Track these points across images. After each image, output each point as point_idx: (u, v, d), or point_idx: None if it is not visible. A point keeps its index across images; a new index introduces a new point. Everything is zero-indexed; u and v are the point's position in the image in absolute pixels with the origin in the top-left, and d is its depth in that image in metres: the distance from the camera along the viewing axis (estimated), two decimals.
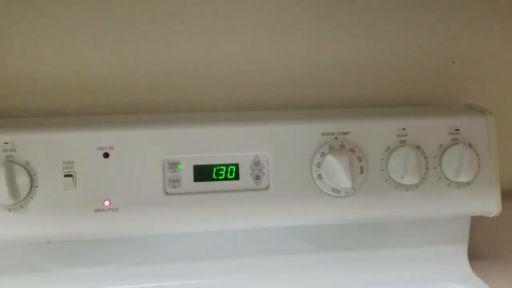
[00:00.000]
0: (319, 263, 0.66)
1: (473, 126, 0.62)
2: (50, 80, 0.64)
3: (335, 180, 0.59)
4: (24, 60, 0.64)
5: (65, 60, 0.64)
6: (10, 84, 0.64)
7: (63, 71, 0.64)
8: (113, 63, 0.65)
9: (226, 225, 0.60)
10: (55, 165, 0.56)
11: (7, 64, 0.63)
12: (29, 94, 0.64)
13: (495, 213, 0.62)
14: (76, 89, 0.65)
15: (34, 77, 0.64)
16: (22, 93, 0.64)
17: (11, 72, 0.64)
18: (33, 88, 0.64)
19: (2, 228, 0.56)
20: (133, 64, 0.65)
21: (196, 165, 0.59)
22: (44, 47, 0.64)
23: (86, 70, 0.65)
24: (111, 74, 0.65)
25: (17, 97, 0.64)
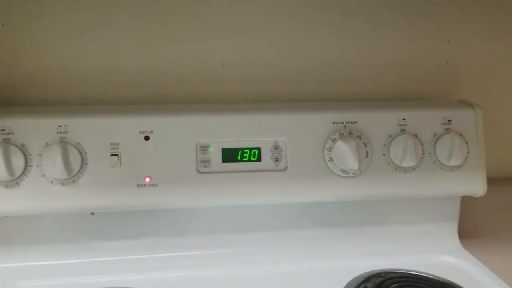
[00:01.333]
0: (323, 238, 0.74)
1: (464, 118, 0.71)
2: (93, 73, 0.72)
3: (344, 162, 0.68)
4: (71, 55, 0.72)
5: (108, 56, 0.72)
6: (60, 77, 0.72)
7: (106, 66, 0.72)
8: (151, 62, 0.73)
9: (249, 201, 0.68)
10: (102, 146, 0.65)
11: (57, 58, 0.71)
12: (75, 86, 0.72)
13: (481, 193, 0.71)
14: (116, 83, 0.73)
15: (80, 71, 0.72)
16: (70, 85, 0.72)
17: (61, 66, 0.72)
18: (79, 80, 0.72)
19: (57, 200, 0.64)
20: (169, 62, 0.74)
21: (224, 148, 0.67)
22: (89, 44, 0.72)
23: (126, 66, 0.73)
24: (148, 71, 0.73)
25: (66, 88, 0.72)
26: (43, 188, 0.63)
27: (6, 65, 0.71)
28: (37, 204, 0.64)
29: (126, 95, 0.73)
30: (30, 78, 0.71)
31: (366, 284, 0.66)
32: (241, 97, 0.76)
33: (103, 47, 0.72)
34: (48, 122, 0.64)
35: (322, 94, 0.77)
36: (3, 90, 0.71)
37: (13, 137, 0.63)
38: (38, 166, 0.63)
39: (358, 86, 0.78)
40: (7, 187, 0.63)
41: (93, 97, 0.73)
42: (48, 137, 0.64)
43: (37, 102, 0.71)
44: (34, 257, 0.68)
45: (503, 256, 0.75)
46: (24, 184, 0.63)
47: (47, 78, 0.72)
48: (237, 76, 0.75)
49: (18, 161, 0.63)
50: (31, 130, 0.64)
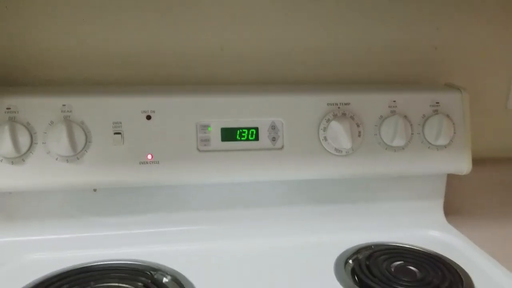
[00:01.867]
0: (316, 214, 0.78)
1: (451, 100, 0.75)
2: (95, 56, 0.74)
3: (338, 141, 0.71)
4: (74, 38, 0.73)
5: (109, 39, 0.74)
6: (63, 59, 0.73)
7: (107, 49, 0.74)
8: (151, 45, 0.75)
9: (247, 178, 0.72)
10: (105, 124, 0.67)
11: (60, 40, 0.73)
12: (78, 68, 0.74)
13: (466, 171, 0.76)
14: (118, 65, 0.75)
15: (82, 53, 0.74)
16: (72, 66, 0.74)
17: (64, 48, 0.73)
18: (81, 63, 0.74)
19: (61, 176, 0.66)
20: (169, 45, 0.76)
21: (223, 128, 0.70)
22: (91, 27, 0.73)
23: (127, 49, 0.75)
24: (149, 53, 0.75)
25: (69, 70, 0.74)
26: (48, 164, 0.66)
27: (10, 47, 0.72)
28: (43, 180, 0.66)
29: (127, 77, 0.75)
30: (33, 60, 0.73)
31: (357, 256, 0.70)
32: (238, 80, 0.78)
33: (105, 30, 0.73)
34: (53, 101, 0.66)
35: (316, 77, 0.80)
36: (7, 71, 0.72)
37: (18, 115, 0.65)
38: (43, 143, 0.65)
39: (350, 70, 0.81)
40: (13, 164, 0.65)
41: (95, 79, 0.75)
42: (53, 115, 0.66)
43: (40, 83, 0.73)
44: (39, 231, 0.70)
45: (486, 231, 0.80)
46: (30, 160, 0.65)
47: (50, 60, 0.73)
48: (235, 59, 0.78)
49: (23, 138, 0.65)
50: (36, 109, 0.66)
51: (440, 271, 0.66)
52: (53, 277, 0.63)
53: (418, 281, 0.64)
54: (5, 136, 0.63)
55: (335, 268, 0.67)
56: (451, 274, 0.66)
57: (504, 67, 0.87)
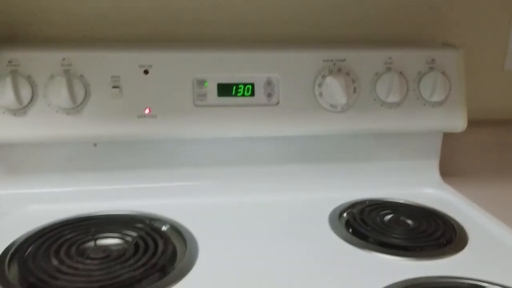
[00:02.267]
0: (312, 171, 0.79)
1: (447, 58, 0.76)
2: (93, 14, 0.75)
3: (333, 97, 0.72)
4: None
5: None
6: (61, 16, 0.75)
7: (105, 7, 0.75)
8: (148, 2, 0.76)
9: (243, 133, 0.73)
10: (104, 78, 0.69)
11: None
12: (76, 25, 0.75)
13: (461, 128, 0.76)
14: (117, 23, 0.76)
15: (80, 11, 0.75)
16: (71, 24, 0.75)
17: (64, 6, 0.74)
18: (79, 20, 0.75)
19: (62, 128, 0.68)
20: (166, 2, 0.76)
21: (219, 83, 0.71)
22: None
23: (124, 7, 0.76)
24: (146, 11, 0.76)
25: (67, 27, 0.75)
26: (49, 116, 0.68)
27: (12, 5, 0.74)
28: (44, 132, 0.68)
29: (124, 34, 0.77)
30: (34, 18, 0.74)
31: (352, 209, 0.71)
32: (235, 38, 0.79)
33: None
34: (53, 55, 0.68)
35: (313, 36, 0.81)
36: (9, 28, 0.74)
37: (20, 68, 0.67)
38: (44, 96, 0.67)
39: (346, 31, 0.82)
40: (15, 115, 0.67)
41: (95, 37, 0.76)
42: (53, 69, 0.67)
43: (40, 39, 0.75)
44: (41, 184, 0.72)
45: (482, 190, 0.81)
46: (31, 112, 0.67)
47: (50, 18, 0.75)
48: (232, 17, 0.78)
49: (25, 91, 0.66)
50: (37, 62, 0.67)
51: (433, 222, 0.67)
52: (55, 224, 0.65)
53: (411, 230, 0.66)
54: (7, 87, 0.65)
55: (330, 220, 0.68)
56: (444, 224, 0.67)
57: (502, 28, 0.87)
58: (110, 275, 0.54)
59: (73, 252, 0.59)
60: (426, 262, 0.59)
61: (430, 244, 0.62)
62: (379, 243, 0.62)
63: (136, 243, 0.60)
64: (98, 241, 0.62)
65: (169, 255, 0.58)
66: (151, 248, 0.59)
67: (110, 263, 0.56)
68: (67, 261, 0.57)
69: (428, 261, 0.59)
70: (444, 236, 0.63)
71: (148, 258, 0.57)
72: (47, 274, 0.54)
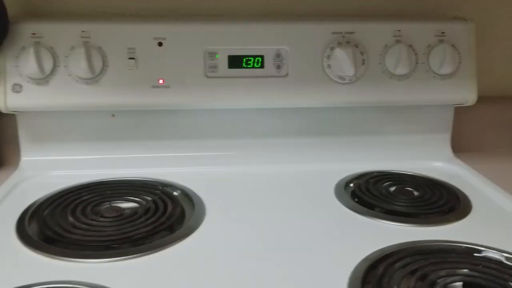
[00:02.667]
0: (320, 144, 0.80)
1: (457, 30, 0.76)
2: None
3: (341, 69, 0.73)
4: None
5: None
6: None
7: None
8: None
9: (253, 104, 0.75)
10: (121, 50, 0.72)
11: None
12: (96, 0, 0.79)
13: (472, 102, 0.76)
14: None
15: None
16: None
17: None
18: None
19: (81, 97, 0.72)
20: None
21: (230, 55, 0.74)
22: None
23: None
24: None
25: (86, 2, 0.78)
26: (70, 86, 0.71)
27: None
28: (65, 100, 0.72)
29: (140, 8, 0.79)
30: None
31: (358, 180, 0.72)
32: (246, 12, 0.81)
33: None
34: (73, 27, 0.71)
35: (322, 10, 0.82)
36: (31, 2, 0.78)
37: (43, 40, 0.71)
38: (65, 66, 0.71)
39: (357, 4, 0.82)
40: (38, 84, 0.71)
41: (112, 10, 0.79)
42: (73, 41, 0.71)
43: (61, 13, 0.78)
44: (63, 151, 0.76)
45: (493, 164, 0.80)
46: (53, 82, 0.71)
47: None
48: None
49: (47, 61, 0.70)
50: (58, 34, 0.71)
51: (438, 192, 0.68)
52: (74, 187, 0.69)
53: (415, 199, 0.67)
54: (31, 57, 0.69)
55: (336, 189, 0.70)
56: (449, 194, 0.68)
57: None
58: (121, 231, 0.58)
59: (88, 211, 0.63)
60: (427, 228, 0.60)
61: (433, 211, 0.63)
62: (383, 211, 0.64)
63: (148, 206, 0.64)
64: (112, 203, 0.66)
65: (177, 216, 0.62)
66: (161, 209, 0.63)
67: (121, 221, 0.60)
68: (82, 218, 0.61)
69: (430, 227, 0.60)
70: (447, 204, 0.64)
71: (158, 217, 0.61)
72: (63, 228, 0.58)
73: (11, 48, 0.71)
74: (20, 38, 0.71)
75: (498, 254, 0.52)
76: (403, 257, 0.52)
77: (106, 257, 0.53)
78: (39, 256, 0.53)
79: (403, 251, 0.53)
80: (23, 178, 0.73)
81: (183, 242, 0.56)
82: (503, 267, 0.50)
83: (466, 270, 0.50)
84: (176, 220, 0.61)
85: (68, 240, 0.56)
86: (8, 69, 0.71)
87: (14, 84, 0.71)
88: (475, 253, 0.53)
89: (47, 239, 0.57)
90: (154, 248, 0.54)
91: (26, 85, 0.71)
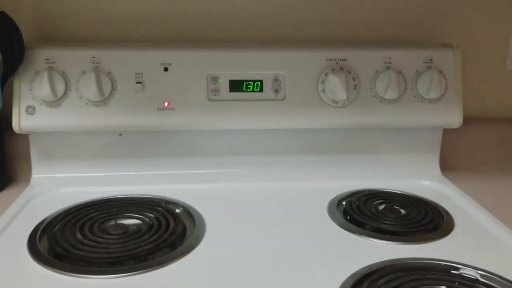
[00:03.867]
0: (315, 162, 0.85)
1: (444, 57, 0.80)
2: (121, 16, 0.84)
3: (335, 93, 0.78)
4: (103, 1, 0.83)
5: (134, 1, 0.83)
6: (93, 19, 0.84)
7: (132, 10, 0.83)
8: (170, 6, 0.84)
9: (252, 125, 0.80)
10: (129, 75, 0.77)
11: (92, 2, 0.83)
12: (105, 26, 0.84)
13: (457, 125, 0.81)
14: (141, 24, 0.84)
15: (110, 13, 0.83)
16: (101, 25, 0.84)
17: (94, 9, 0.83)
18: (109, 22, 0.84)
19: (91, 119, 0.77)
20: (184, 6, 0.84)
21: (231, 80, 0.79)
22: None
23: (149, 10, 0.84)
24: (168, 14, 0.84)
25: (98, 28, 0.84)
26: (80, 108, 0.76)
27: (49, 9, 0.83)
28: (75, 122, 0.77)
29: (149, 35, 0.85)
30: (69, 20, 0.83)
31: (350, 198, 0.77)
32: (246, 39, 0.86)
33: None
34: (85, 54, 0.76)
35: (320, 37, 0.87)
36: (45, 30, 0.83)
37: (56, 65, 0.76)
38: (76, 90, 0.76)
39: (351, 31, 0.87)
40: (51, 107, 0.76)
41: (121, 37, 0.84)
42: (84, 66, 0.76)
43: (73, 39, 0.84)
44: (72, 169, 0.81)
45: (479, 184, 0.84)
46: (65, 104, 0.76)
47: (81, 20, 0.83)
48: (244, 21, 0.85)
49: (59, 85, 0.75)
50: (70, 60, 0.76)
51: (423, 210, 0.72)
52: (81, 205, 0.73)
53: (402, 217, 0.71)
54: (44, 82, 0.74)
55: (329, 207, 0.74)
56: (433, 212, 0.72)
57: (503, 30, 0.90)
58: (126, 248, 0.62)
59: (95, 228, 0.67)
60: (412, 245, 0.64)
61: (418, 229, 0.67)
62: (372, 229, 0.68)
63: (151, 223, 0.68)
64: (118, 220, 0.70)
65: (179, 233, 0.66)
66: (163, 227, 0.67)
67: (127, 238, 0.64)
68: (89, 235, 0.65)
69: (414, 245, 0.64)
70: (431, 223, 0.68)
71: (160, 234, 0.65)
72: (72, 245, 0.62)
73: (26, 73, 0.76)
74: (34, 63, 0.76)
75: (474, 271, 0.57)
76: (387, 273, 0.56)
77: (112, 273, 0.57)
78: (49, 272, 0.57)
79: (387, 268, 0.57)
80: (34, 194, 0.77)
81: (184, 258, 0.60)
82: (478, 284, 0.55)
83: (443, 286, 0.54)
84: (178, 237, 0.65)
85: (76, 257, 0.60)
86: (22, 92, 0.76)
87: (28, 106, 0.76)
88: (453, 270, 0.58)
89: (56, 255, 0.61)
90: (157, 264, 0.59)
91: (39, 107, 0.76)
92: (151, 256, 0.61)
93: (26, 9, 0.82)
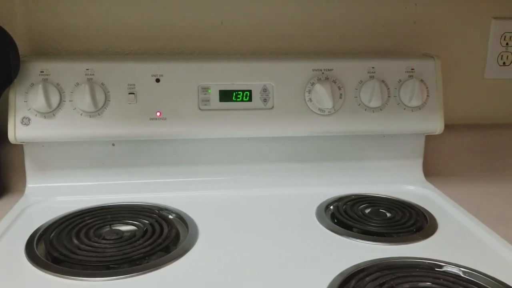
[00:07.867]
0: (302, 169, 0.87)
1: (425, 67, 0.84)
2: (113, 30, 0.86)
3: (321, 102, 0.81)
4: (96, 15, 0.85)
5: (126, 16, 0.86)
6: (86, 32, 0.86)
7: (124, 24, 0.86)
8: (161, 21, 0.87)
9: (241, 134, 0.82)
10: (122, 86, 0.79)
11: (84, 17, 0.85)
12: (99, 40, 0.86)
13: (439, 131, 0.84)
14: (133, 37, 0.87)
15: (102, 27, 0.86)
16: (94, 39, 0.86)
17: (88, 23, 0.86)
18: (102, 36, 0.86)
19: (85, 129, 0.79)
20: (175, 20, 0.87)
21: (221, 90, 0.81)
22: (111, 6, 0.85)
23: (141, 24, 0.86)
24: (159, 28, 0.87)
25: (91, 41, 0.86)
26: (74, 119, 0.78)
27: (43, 23, 0.85)
28: (70, 132, 0.78)
29: (141, 48, 0.87)
30: (62, 33, 0.86)
31: (338, 203, 0.79)
32: (235, 51, 0.89)
33: (123, 7, 0.86)
34: (78, 66, 0.79)
35: (306, 49, 0.90)
36: (40, 43, 0.86)
37: (50, 77, 0.78)
38: (70, 101, 0.78)
39: (336, 43, 0.91)
40: (45, 118, 0.78)
41: (113, 49, 0.87)
42: (78, 78, 0.78)
43: (68, 52, 0.86)
44: (67, 178, 0.83)
45: (461, 188, 0.88)
46: (59, 115, 0.78)
47: (75, 34, 0.86)
48: (233, 33, 0.89)
49: (54, 96, 0.77)
50: (65, 72, 0.78)
51: (408, 213, 0.75)
52: (77, 212, 0.75)
53: (387, 220, 0.74)
54: (39, 94, 0.76)
55: (317, 211, 0.77)
56: (417, 215, 0.75)
57: (481, 41, 0.94)
58: (121, 252, 0.63)
59: (91, 234, 0.68)
60: (397, 246, 0.67)
61: (403, 231, 0.70)
62: (359, 231, 0.71)
63: (145, 228, 0.70)
64: (113, 226, 0.72)
65: (172, 238, 0.68)
66: (157, 232, 0.69)
67: (122, 243, 0.66)
68: (85, 240, 0.66)
69: (400, 245, 0.67)
70: (415, 225, 0.71)
71: (155, 239, 0.67)
72: (68, 250, 0.64)
73: (21, 85, 0.78)
74: (29, 76, 0.78)
75: (456, 268, 0.60)
76: (373, 272, 0.59)
77: (108, 276, 0.59)
78: (47, 275, 0.59)
79: (374, 267, 0.60)
80: (29, 203, 0.79)
81: (178, 261, 0.62)
82: (461, 280, 0.57)
83: (428, 283, 0.57)
84: (171, 242, 0.67)
85: (73, 261, 0.62)
86: (18, 103, 0.78)
87: (23, 117, 0.78)
88: (437, 268, 0.60)
89: (54, 260, 0.63)
90: (151, 267, 0.61)
91: (34, 118, 0.78)
92: (146, 259, 0.63)
93: (21, 23, 0.84)
